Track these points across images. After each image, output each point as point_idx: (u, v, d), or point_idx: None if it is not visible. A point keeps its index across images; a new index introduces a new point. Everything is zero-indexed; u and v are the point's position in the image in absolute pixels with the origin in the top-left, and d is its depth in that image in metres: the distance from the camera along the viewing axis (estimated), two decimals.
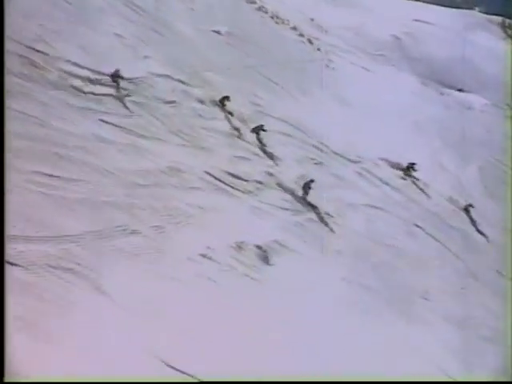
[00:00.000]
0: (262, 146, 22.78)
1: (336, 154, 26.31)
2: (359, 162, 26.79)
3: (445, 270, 23.87)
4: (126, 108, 19.91)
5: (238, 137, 22.76)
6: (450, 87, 37.74)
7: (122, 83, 20.30)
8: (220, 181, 20.09)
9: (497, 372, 20.34)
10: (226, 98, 23.19)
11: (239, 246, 18.01)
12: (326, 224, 21.59)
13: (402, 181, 27.65)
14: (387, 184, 26.80)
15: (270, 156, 22.84)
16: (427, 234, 25.21)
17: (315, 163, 24.83)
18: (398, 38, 38.99)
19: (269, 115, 25.56)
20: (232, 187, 20.21)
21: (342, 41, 36.31)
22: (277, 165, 22.88)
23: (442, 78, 38.35)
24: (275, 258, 18.65)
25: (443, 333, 20.83)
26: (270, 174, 22.07)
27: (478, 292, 23.83)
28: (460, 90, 39.04)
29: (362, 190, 25.29)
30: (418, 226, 25.20)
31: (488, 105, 39.24)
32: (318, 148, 25.94)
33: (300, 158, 24.48)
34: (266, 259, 18.28)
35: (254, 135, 22.88)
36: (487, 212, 29.34)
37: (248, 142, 22.74)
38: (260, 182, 21.38)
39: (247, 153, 22.48)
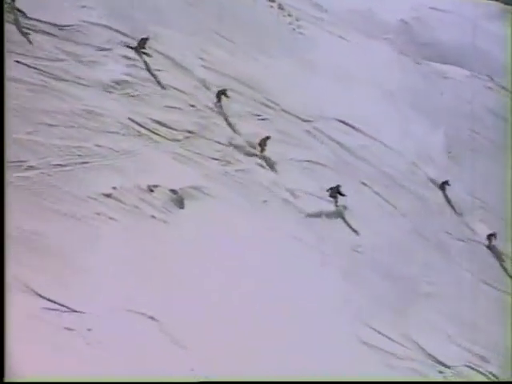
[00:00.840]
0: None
1: (286, 112, 25.66)
2: (311, 121, 26.10)
3: (388, 227, 23.15)
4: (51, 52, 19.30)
5: (176, 88, 22.08)
6: None
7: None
8: (144, 127, 19.53)
9: (429, 325, 19.73)
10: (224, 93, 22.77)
11: (151, 189, 17.48)
12: (258, 175, 20.91)
13: (357, 142, 26.90)
14: (339, 143, 26.12)
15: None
16: (374, 192, 24.47)
17: (259, 119, 24.14)
18: (405, 23, 38.34)
19: (216, 71, 24.97)
20: (156, 134, 19.66)
21: (328, 15, 35.52)
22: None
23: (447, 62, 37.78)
24: (192, 203, 18.09)
25: (376, 288, 20.14)
26: (204, 126, 21.45)
27: (423, 250, 23.15)
28: None
29: (308, 147, 24.60)
30: (365, 185, 24.50)
31: (468, 76, 38.45)
32: (266, 105, 25.35)
33: (243, 113, 23.81)
34: (180, 203, 17.71)
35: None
36: (447, 176, 28.62)
37: (184, 93, 22.13)
38: (191, 132, 20.79)
39: (182, 104, 21.86)
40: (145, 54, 21.88)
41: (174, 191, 17.84)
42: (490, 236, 25.32)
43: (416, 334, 18.98)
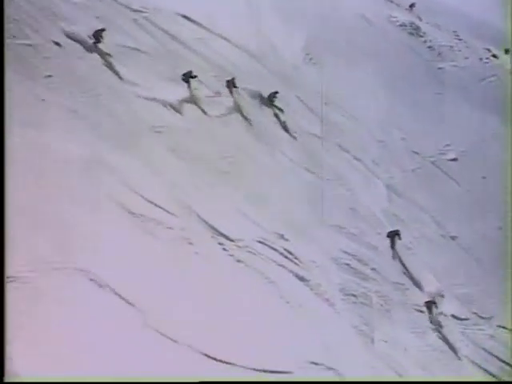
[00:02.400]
0: None
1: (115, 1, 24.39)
2: (143, 12, 24.94)
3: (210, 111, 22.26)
4: None
5: None
6: None
7: None
8: None
9: (220, 201, 18.95)
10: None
11: None
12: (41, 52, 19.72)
13: (194, 36, 25.84)
14: (171, 35, 25.01)
15: None
16: (199, 81, 23.51)
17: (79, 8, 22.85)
18: None
19: None
20: None
21: None
22: None
23: None
24: None
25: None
26: None
27: (243, 138, 22.37)
28: None
29: (130, 35, 23.43)
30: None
31: None
32: None
33: None
34: None
35: None
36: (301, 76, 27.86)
37: None
38: None
39: None
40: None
41: None
42: None
43: (199, 207, 18.11)
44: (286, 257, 19.35)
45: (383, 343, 19.27)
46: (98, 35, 21.15)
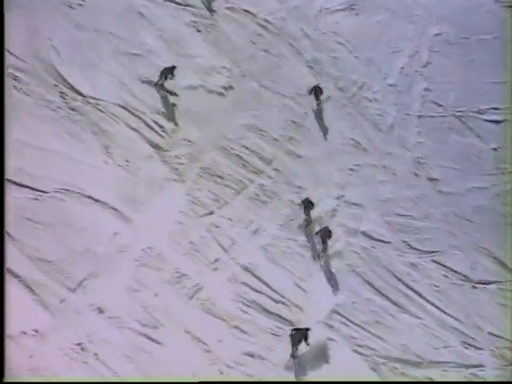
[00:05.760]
0: None
1: None
2: None
3: None
4: None
5: None
6: None
7: None
8: None
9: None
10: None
11: None
12: None
13: None
14: None
15: None
16: None
17: None
18: None
19: None
20: None
21: None
22: None
23: None
24: None
25: None
26: None
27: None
28: None
29: None
30: None
31: None
32: None
33: None
34: None
35: None
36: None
37: None
38: None
39: None
40: None
41: None
42: None
43: (65, 68, 18.73)
44: (151, 127, 19.05)
45: (227, 221, 17.99)
46: None
